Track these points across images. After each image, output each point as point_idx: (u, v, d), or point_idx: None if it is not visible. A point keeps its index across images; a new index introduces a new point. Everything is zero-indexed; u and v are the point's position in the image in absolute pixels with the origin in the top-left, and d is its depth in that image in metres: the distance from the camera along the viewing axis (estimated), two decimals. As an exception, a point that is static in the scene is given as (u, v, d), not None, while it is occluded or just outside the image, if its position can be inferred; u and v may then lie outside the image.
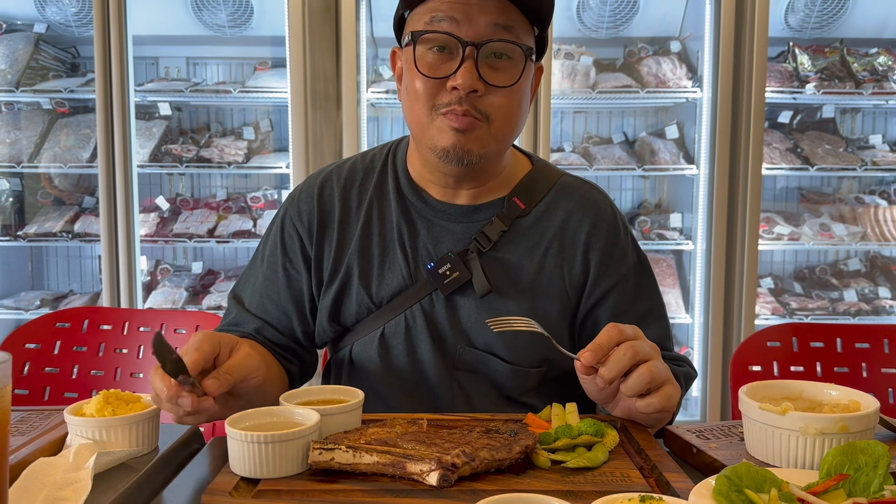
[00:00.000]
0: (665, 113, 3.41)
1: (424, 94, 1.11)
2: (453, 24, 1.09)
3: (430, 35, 1.10)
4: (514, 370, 1.19)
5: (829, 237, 3.09)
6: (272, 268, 1.27)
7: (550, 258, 1.21)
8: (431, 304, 1.20)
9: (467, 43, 1.08)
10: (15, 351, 1.62)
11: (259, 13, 3.13)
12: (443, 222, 1.22)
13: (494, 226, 1.20)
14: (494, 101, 1.11)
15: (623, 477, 0.86)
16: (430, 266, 1.19)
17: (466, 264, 1.17)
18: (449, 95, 1.10)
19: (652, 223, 3.17)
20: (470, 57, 1.08)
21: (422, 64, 1.11)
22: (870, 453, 0.75)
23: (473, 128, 1.11)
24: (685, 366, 1.24)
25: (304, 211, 1.26)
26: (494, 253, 1.20)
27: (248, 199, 3.25)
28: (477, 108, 1.10)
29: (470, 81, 1.08)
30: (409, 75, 1.14)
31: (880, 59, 3.14)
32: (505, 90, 1.11)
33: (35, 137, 3.17)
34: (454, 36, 1.08)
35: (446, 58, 1.10)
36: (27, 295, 3.29)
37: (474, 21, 1.08)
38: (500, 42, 1.09)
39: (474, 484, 0.83)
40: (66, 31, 3.19)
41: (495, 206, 1.23)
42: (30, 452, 0.90)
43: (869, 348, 1.61)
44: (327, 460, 0.85)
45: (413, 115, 1.15)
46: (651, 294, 1.27)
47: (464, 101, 1.09)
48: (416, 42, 1.11)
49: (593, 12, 3.08)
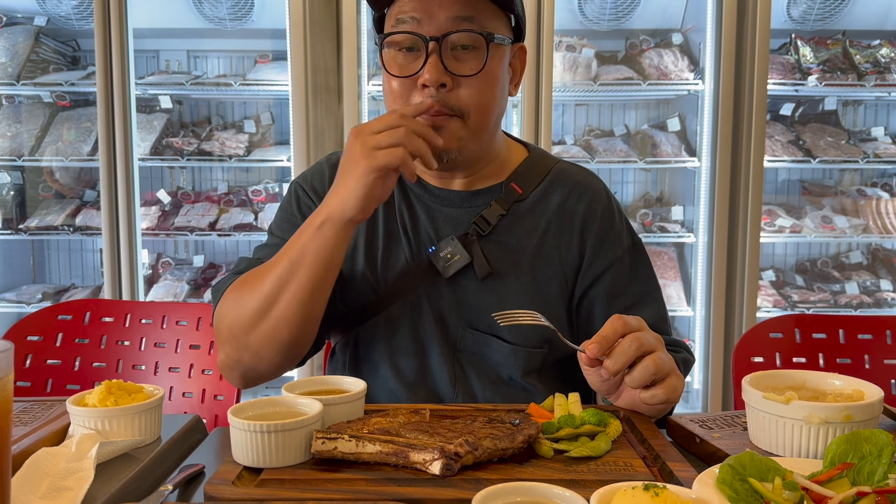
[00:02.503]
0: (667, 105, 3.40)
1: (400, 95, 1.14)
2: (415, 24, 1.12)
3: (395, 37, 1.13)
4: (516, 350, 1.21)
5: (830, 230, 3.08)
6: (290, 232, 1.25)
7: (548, 240, 1.24)
8: (434, 288, 1.21)
9: (429, 39, 1.10)
10: (17, 343, 1.61)
11: (260, 6, 3.12)
12: (442, 207, 1.25)
13: (493, 210, 1.23)
14: (465, 94, 1.13)
15: (626, 466, 0.86)
16: (432, 250, 1.21)
17: (467, 248, 1.20)
18: (421, 94, 1.12)
19: (653, 216, 3.16)
20: (434, 52, 1.11)
21: (391, 66, 1.14)
22: (874, 442, 0.75)
23: (445, 124, 1.13)
24: (683, 351, 1.25)
25: (317, 186, 1.30)
26: (494, 236, 1.23)
27: (249, 193, 3.25)
28: (449, 105, 1.12)
29: (436, 75, 1.10)
30: (384, 75, 1.18)
31: (883, 51, 3.13)
32: (474, 79, 1.13)
33: (36, 131, 3.17)
34: (415, 34, 1.11)
35: (413, 57, 1.13)
36: (29, 288, 3.29)
37: (434, 17, 1.10)
38: (460, 33, 1.11)
39: (477, 473, 0.83)
40: (66, 24, 3.19)
41: (493, 191, 1.26)
42: (32, 442, 0.90)
43: (871, 339, 1.61)
44: (330, 449, 0.85)
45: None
46: (646, 277, 1.29)
47: (434, 99, 1.11)
48: (385, 46, 1.15)
49: (595, 4, 3.07)
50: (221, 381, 1.59)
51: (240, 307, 1.13)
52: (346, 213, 1.06)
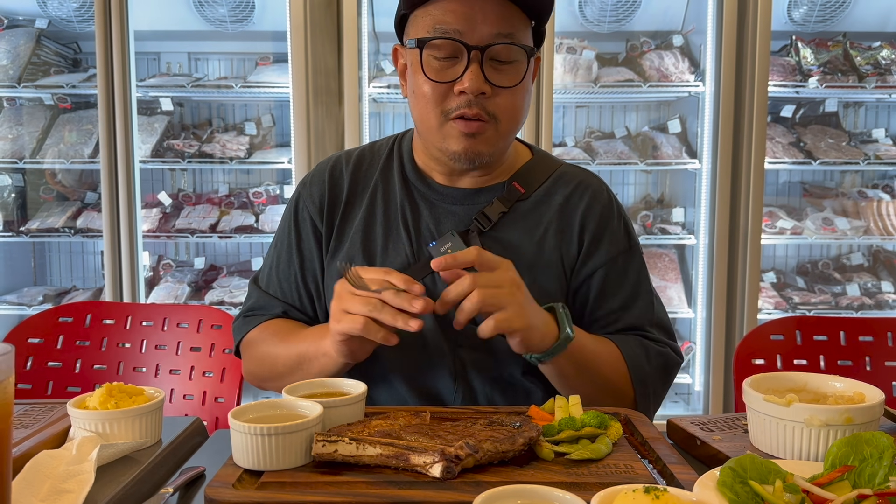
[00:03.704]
0: (667, 107, 3.40)
1: (434, 99, 1.15)
2: (456, 35, 1.12)
3: (437, 41, 1.13)
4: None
5: (831, 231, 3.08)
6: (288, 250, 1.32)
7: (549, 239, 1.25)
8: (434, 283, 1.22)
9: (472, 47, 1.11)
10: (18, 345, 1.62)
11: (260, 8, 3.12)
12: (445, 204, 1.27)
13: (495, 207, 1.24)
14: (501, 102, 1.15)
15: (627, 469, 0.86)
16: (432, 244, 1.22)
17: (467, 243, 1.21)
18: (457, 99, 1.14)
19: (654, 217, 3.16)
20: (475, 60, 1.12)
21: (428, 69, 1.14)
22: (875, 444, 0.75)
23: (483, 131, 1.16)
24: (666, 347, 1.26)
25: (315, 193, 1.31)
26: (494, 233, 1.24)
27: (250, 195, 3.25)
28: (486, 110, 1.14)
29: (477, 85, 1.12)
30: (414, 77, 1.18)
31: (883, 52, 3.13)
32: (510, 90, 1.15)
33: (37, 133, 3.17)
34: (461, 41, 1.11)
35: (450, 64, 1.14)
36: (30, 290, 3.29)
37: (477, 30, 1.12)
38: (503, 45, 1.12)
39: (478, 476, 0.83)
40: (67, 26, 3.19)
41: (496, 189, 1.27)
42: (33, 445, 0.90)
43: (872, 341, 1.61)
44: (331, 452, 0.85)
45: (422, 116, 1.19)
46: (637, 281, 1.29)
47: (473, 104, 1.13)
48: (423, 48, 1.14)
49: (595, 6, 3.07)
50: (222, 384, 1.59)
51: (258, 370, 1.28)
52: (340, 357, 1.10)
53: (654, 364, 1.22)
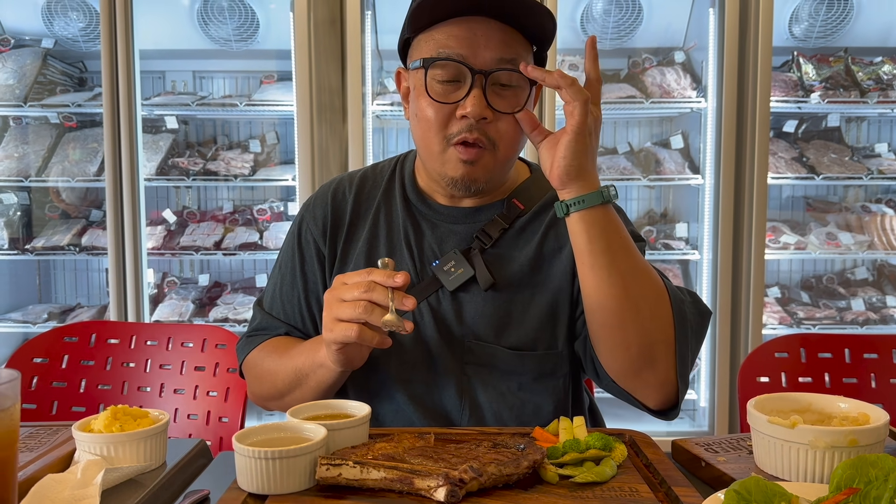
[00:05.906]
0: (670, 123, 3.41)
1: (436, 123, 1.16)
2: (460, 58, 1.13)
3: (441, 62, 1.13)
4: (521, 357, 1.21)
5: (835, 246, 3.08)
6: (291, 272, 1.32)
7: (548, 249, 1.25)
8: (438, 301, 1.23)
9: (477, 71, 1.12)
10: (23, 365, 1.62)
11: (265, 27, 3.15)
12: (447, 224, 1.28)
13: (495, 224, 1.25)
14: (501, 128, 1.16)
15: (632, 491, 0.86)
16: (436, 264, 1.23)
17: (470, 261, 1.22)
18: (459, 124, 1.15)
19: (658, 233, 3.16)
20: (478, 85, 1.13)
21: (432, 90, 1.15)
22: (880, 466, 0.75)
23: (481, 157, 1.17)
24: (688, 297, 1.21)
25: (318, 215, 1.32)
26: (496, 250, 1.25)
27: (254, 212, 3.26)
28: (486, 135, 1.15)
29: (479, 109, 1.12)
30: (417, 101, 1.19)
31: (885, 67, 3.14)
32: (511, 116, 1.15)
33: (43, 151, 3.19)
34: (465, 64, 1.12)
35: (453, 88, 1.15)
36: (35, 308, 3.30)
37: (480, 56, 1.12)
38: (506, 72, 1.13)
39: (482, 499, 0.83)
40: (73, 45, 3.22)
41: (496, 207, 1.28)
42: (38, 469, 0.91)
43: (877, 359, 1.60)
44: (335, 476, 0.85)
45: (424, 141, 1.19)
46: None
47: (474, 129, 1.14)
48: (427, 68, 1.15)
49: (597, 23, 3.09)
50: (226, 403, 1.59)
51: (260, 389, 1.28)
52: (337, 366, 1.11)
53: (690, 305, 1.17)
